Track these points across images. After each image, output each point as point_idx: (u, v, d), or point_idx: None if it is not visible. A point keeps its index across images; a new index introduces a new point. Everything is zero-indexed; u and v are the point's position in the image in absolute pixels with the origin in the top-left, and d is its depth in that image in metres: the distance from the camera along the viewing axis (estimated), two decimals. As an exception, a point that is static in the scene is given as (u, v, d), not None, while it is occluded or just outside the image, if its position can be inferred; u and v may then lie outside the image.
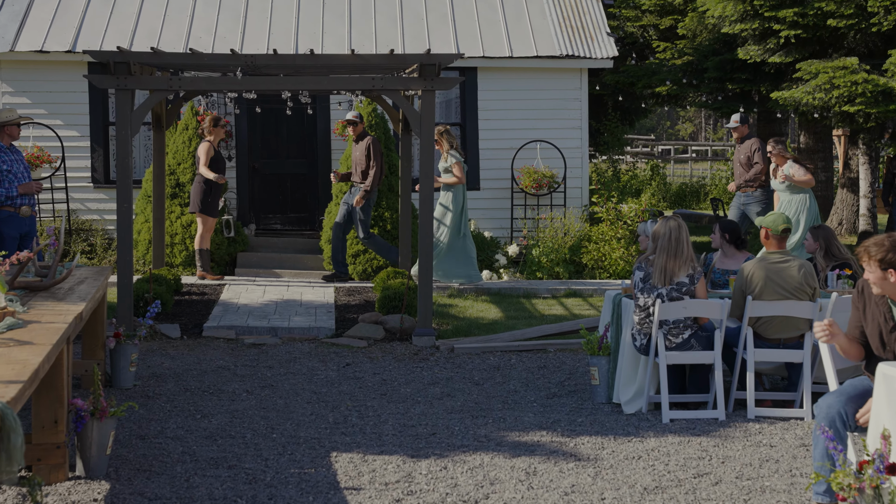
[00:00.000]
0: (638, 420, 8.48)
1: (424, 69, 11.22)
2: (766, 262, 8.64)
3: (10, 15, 16.70)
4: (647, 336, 8.63)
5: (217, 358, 10.63)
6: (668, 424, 8.35)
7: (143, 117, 11.22)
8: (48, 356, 5.57)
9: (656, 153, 40.24)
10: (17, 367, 5.11)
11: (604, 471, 7.16)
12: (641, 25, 22.65)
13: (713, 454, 7.55)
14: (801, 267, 8.62)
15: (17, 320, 6.34)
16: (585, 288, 14.62)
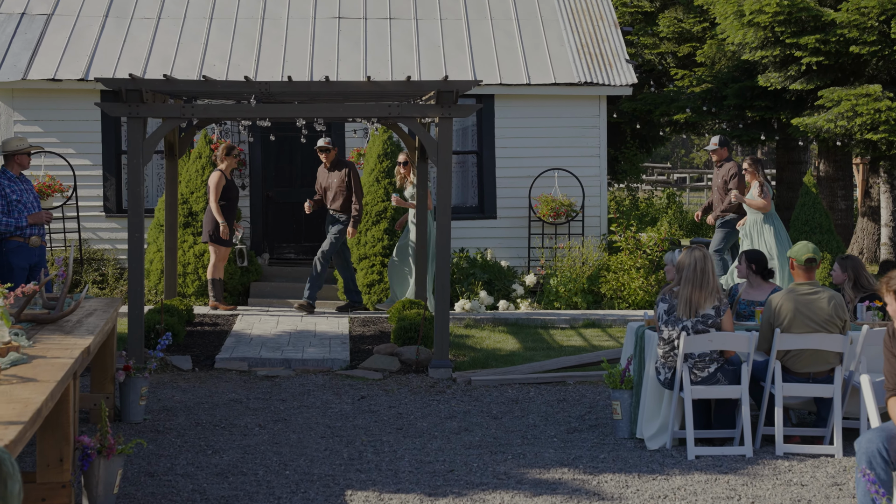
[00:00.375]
0: (662, 456, 8.22)
1: (441, 96, 11.04)
2: (795, 293, 8.40)
3: (22, 43, 16.60)
4: (671, 370, 8.39)
5: (229, 391, 10.41)
6: (693, 461, 8.10)
7: (156, 145, 11.05)
8: (52, 394, 5.35)
9: (672, 181, 39.99)
10: (18, 406, 4.90)
11: (629, 511, 6.90)
12: (659, 53, 22.49)
13: (742, 493, 7.28)
14: (832, 299, 8.37)
15: (21, 355, 6.13)
16: (604, 318, 14.38)
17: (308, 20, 17.58)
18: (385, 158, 15.16)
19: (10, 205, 10.53)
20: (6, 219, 10.49)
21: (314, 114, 11.37)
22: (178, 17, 17.46)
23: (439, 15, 17.76)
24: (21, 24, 16.95)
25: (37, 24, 17.00)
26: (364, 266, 14.75)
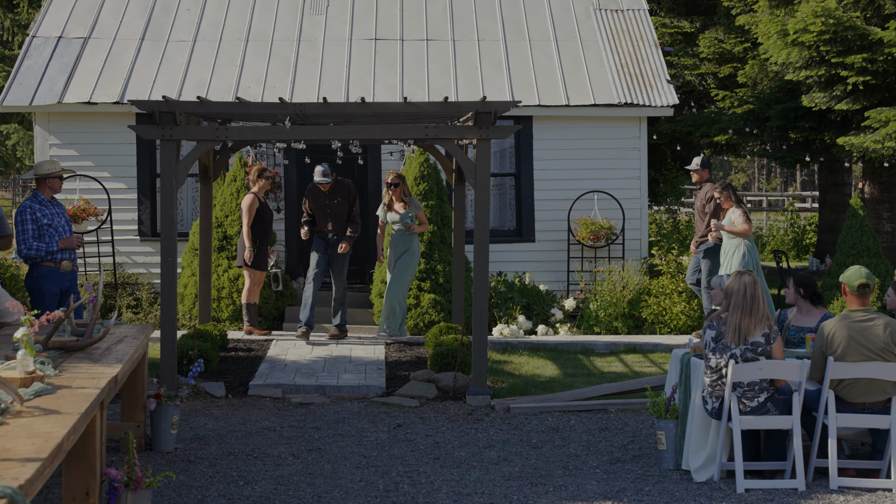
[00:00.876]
0: (710, 489, 7.91)
1: (480, 117, 10.81)
2: (849, 320, 8.06)
3: (59, 66, 16.54)
4: (719, 399, 8.07)
5: (262, 418, 10.18)
6: (743, 495, 7.77)
7: (189, 168, 10.88)
8: (75, 427, 5.13)
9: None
10: (38, 441, 4.67)
11: (677, 549, 6.59)
12: (700, 74, 22.17)
13: (796, 530, 6.96)
14: (888, 325, 8.02)
15: (45, 385, 5.91)
16: (645, 344, 14.07)
17: (344, 42, 17.43)
18: (422, 181, 14.93)
19: (40, 229, 10.37)
20: (36, 243, 10.32)
21: (350, 135, 11.16)
22: (213, 39, 17.36)
23: (477, 36, 17.56)
24: (58, 48, 16.90)
25: (73, 47, 16.95)
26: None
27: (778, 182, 58.67)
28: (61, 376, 6.37)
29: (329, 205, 13.69)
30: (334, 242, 13.70)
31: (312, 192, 13.78)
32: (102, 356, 7.28)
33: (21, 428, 4.94)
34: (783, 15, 17.16)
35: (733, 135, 19.17)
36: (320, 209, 13.73)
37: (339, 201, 13.68)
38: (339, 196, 13.69)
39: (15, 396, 5.32)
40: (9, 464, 4.27)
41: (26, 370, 5.96)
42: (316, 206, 13.75)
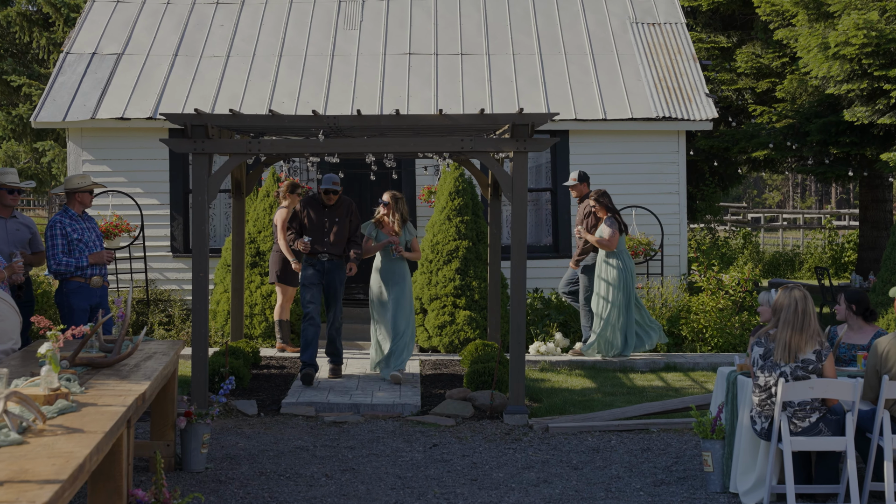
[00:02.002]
0: (760, 514, 7.58)
1: (516, 129, 10.54)
2: (905, 336, 7.73)
3: (92, 82, 16.44)
4: (768, 419, 7.74)
5: (295, 437, 9.91)
6: (795, 519, 7.43)
7: (221, 182, 10.67)
8: (98, 447, 4.88)
9: (747, 221, 39.17)
10: (59, 461, 4.43)
11: (729, 577, 6.27)
12: (737, 89, 21.84)
13: (853, 558, 6.62)
14: (946, 343, 7.69)
15: (70, 403, 5.67)
16: (685, 362, 13.73)
17: (378, 56, 17.24)
18: (457, 196, 14.67)
19: (70, 244, 10.19)
20: (66, 259, 10.14)
21: (384, 149, 10.92)
22: (247, 54, 17.21)
23: (512, 50, 17.33)
24: (91, 64, 16.81)
25: (107, 63, 16.85)
26: (435, 307, 14.24)
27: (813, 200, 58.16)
28: (87, 393, 6.14)
29: (328, 222, 12.16)
30: (330, 268, 12.10)
31: (311, 205, 12.23)
32: (131, 373, 7.05)
33: (42, 447, 4.70)
34: (823, 28, 16.83)
35: (773, 150, 18.82)
36: (317, 227, 12.10)
37: (339, 219, 12.16)
38: (339, 213, 12.19)
39: (37, 414, 5.09)
40: (26, 486, 4.03)
41: (50, 387, 5.72)
42: (312, 223, 12.11)
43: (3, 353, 8.00)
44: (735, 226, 36.13)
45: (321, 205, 12.18)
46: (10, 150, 28.77)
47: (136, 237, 15.52)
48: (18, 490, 3.97)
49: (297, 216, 12.24)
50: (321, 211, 12.18)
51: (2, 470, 4.28)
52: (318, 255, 12.05)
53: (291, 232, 12.23)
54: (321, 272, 12.07)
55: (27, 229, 10.68)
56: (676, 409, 10.68)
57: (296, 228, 12.21)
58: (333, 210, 12.18)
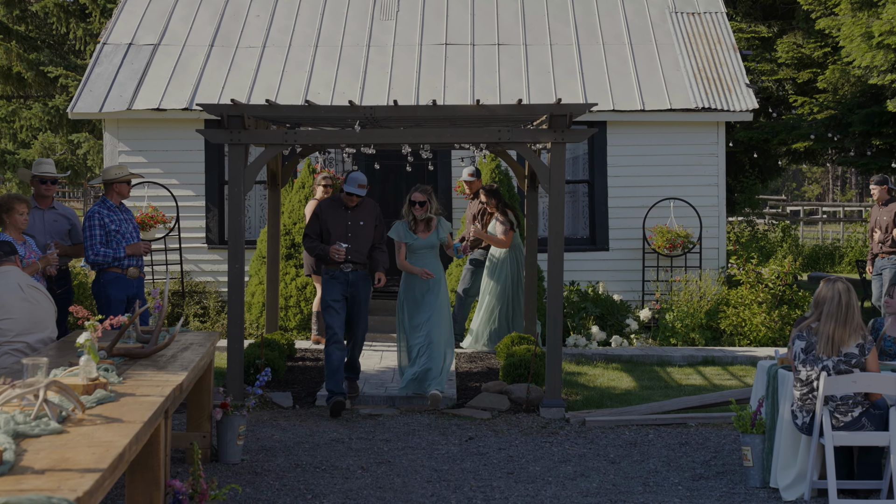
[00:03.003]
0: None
1: (554, 120, 10.52)
2: (950, 330, 7.67)
3: (128, 73, 16.53)
4: (810, 413, 7.70)
5: (331, 430, 9.95)
6: (836, 515, 7.39)
7: (257, 173, 10.71)
8: (137, 436, 4.93)
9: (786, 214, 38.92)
10: (98, 451, 4.47)
11: (769, 572, 6.24)
12: (777, 80, 21.70)
13: (896, 554, 6.58)
14: None
15: (108, 393, 5.73)
16: (724, 356, 13.66)
17: (414, 47, 17.24)
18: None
19: (108, 235, 10.27)
20: (104, 249, 10.23)
21: (421, 139, 10.93)
22: (283, 45, 17.26)
23: (549, 40, 17.29)
24: (128, 55, 16.91)
25: (143, 54, 16.94)
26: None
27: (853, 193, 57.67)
28: (125, 384, 6.19)
29: (352, 226, 10.84)
30: (354, 280, 10.79)
31: (331, 208, 10.90)
32: (167, 364, 7.11)
33: (81, 437, 4.75)
34: (867, 17, 16.67)
35: (814, 141, 18.69)
36: (338, 231, 10.80)
37: (364, 223, 10.86)
38: (363, 216, 10.87)
39: (77, 404, 5.14)
40: (67, 474, 4.07)
41: (89, 377, 5.78)
42: (334, 228, 10.81)
43: (41, 343, 8.09)
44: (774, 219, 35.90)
45: (343, 206, 10.86)
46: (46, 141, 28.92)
47: (171, 228, 15.61)
48: (60, 478, 4.01)
49: (316, 220, 10.92)
50: (343, 214, 10.82)
51: (43, 458, 4.33)
52: (341, 266, 10.73)
53: (311, 239, 10.88)
54: (344, 285, 10.78)
55: (66, 220, 10.78)
56: (715, 403, 10.63)
57: (315, 234, 10.89)
58: (357, 213, 10.86)
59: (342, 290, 10.76)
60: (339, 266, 10.70)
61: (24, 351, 7.87)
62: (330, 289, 10.78)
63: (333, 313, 10.73)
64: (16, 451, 4.38)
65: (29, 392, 5.02)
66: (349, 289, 10.79)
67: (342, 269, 10.72)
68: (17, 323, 8.03)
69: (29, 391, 5.02)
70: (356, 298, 10.85)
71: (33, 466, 4.19)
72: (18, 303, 8.08)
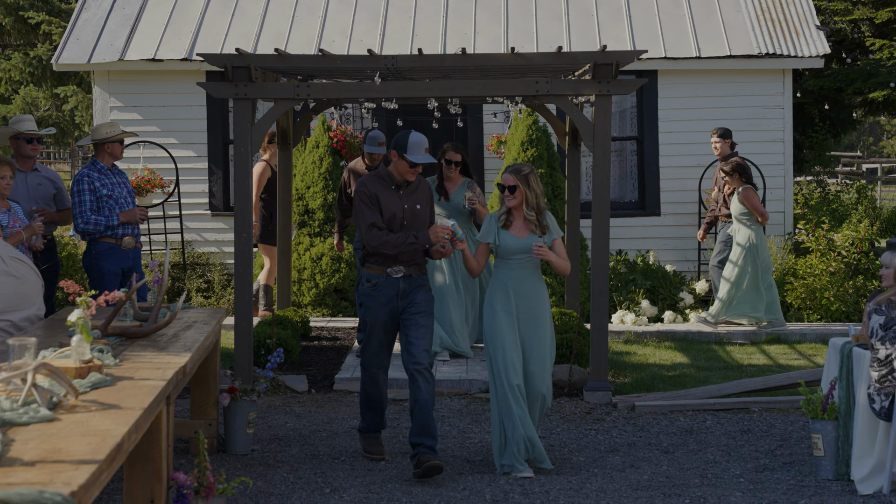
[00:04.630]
0: (878, 503, 7.56)
1: (598, 69, 10.51)
2: None
3: (120, 19, 16.58)
4: (889, 397, 7.72)
5: (350, 416, 10.05)
6: (917, 510, 7.43)
7: (266, 131, 10.75)
8: (136, 425, 4.99)
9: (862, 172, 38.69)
10: (94, 440, 4.53)
11: (842, 574, 6.27)
12: (852, 20, 21.54)
13: None
14: None
15: (104, 377, 5.79)
16: (792, 333, 13.68)
17: (440, -12, 17.24)
18: (530, 146, 14.70)
19: (99, 201, 10.34)
20: (95, 217, 10.30)
21: (449, 93, 10.93)
22: (292, -13, 17.28)
23: (592, -22, 17.26)
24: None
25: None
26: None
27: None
28: (122, 366, 6.27)
29: (408, 212, 8.48)
30: (408, 289, 8.40)
31: (381, 187, 8.45)
32: (169, 344, 7.18)
33: (75, 425, 4.81)
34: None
35: (893, 90, 18.57)
36: (391, 220, 8.44)
37: (421, 207, 8.54)
38: (421, 199, 8.58)
39: (69, 389, 5.20)
40: (60, 466, 4.13)
41: (82, 359, 5.85)
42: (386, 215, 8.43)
43: (28, 322, 8.16)
44: (848, 178, 35.70)
45: (393, 185, 8.46)
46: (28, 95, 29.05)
47: (170, 193, 15.69)
48: (52, 471, 4.06)
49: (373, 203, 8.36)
50: (393, 196, 8.46)
51: (33, 449, 4.38)
52: (388, 271, 8.37)
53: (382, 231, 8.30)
54: (395, 296, 8.40)
55: (51, 184, 10.85)
56: (781, 385, 10.66)
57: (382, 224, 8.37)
58: (411, 194, 8.53)
59: (391, 305, 8.38)
60: (386, 270, 8.34)
61: (8, 331, 7.95)
62: (373, 304, 8.42)
63: (377, 346, 8.50)
64: (2, 440, 4.45)
65: (16, 376, 5.08)
66: (400, 299, 8.37)
67: (391, 273, 8.32)
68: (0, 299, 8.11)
69: (16, 375, 5.08)
70: (411, 309, 8.41)
71: (22, 458, 4.25)
72: (1, 277, 8.15)
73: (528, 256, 8.36)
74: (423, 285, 8.48)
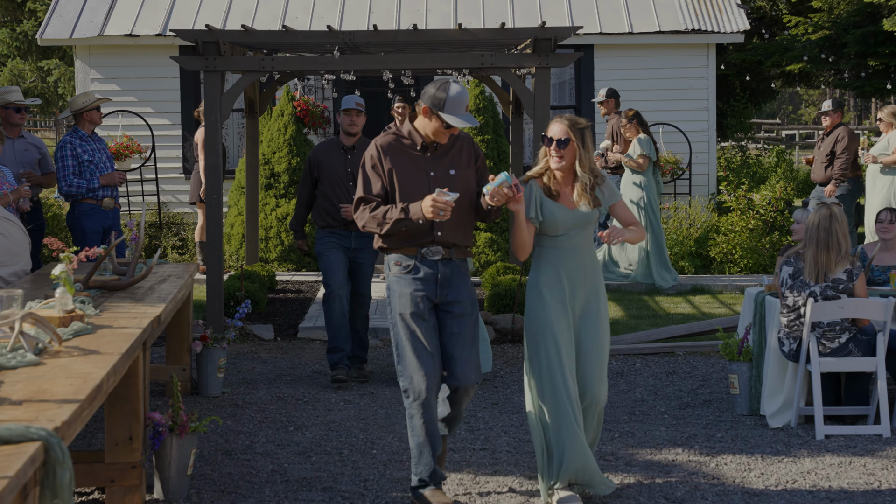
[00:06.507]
0: (787, 436, 7.70)
1: (538, 44, 10.55)
2: (938, 255, 7.79)
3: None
4: (797, 340, 7.85)
5: (313, 362, 10.09)
6: (823, 441, 7.56)
7: (234, 101, 10.73)
8: (115, 368, 5.02)
9: (781, 138, 38.89)
10: (76, 382, 4.56)
11: (753, 498, 6.40)
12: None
13: (882, 479, 6.73)
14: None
15: (85, 325, 5.81)
16: (714, 284, 13.82)
17: (395, -32, 17.18)
18: (477, 114, 14.71)
19: (81, 165, 10.30)
20: (77, 180, 10.27)
21: (402, 65, 10.95)
22: (258, -33, 17.17)
23: (534, -40, 17.23)
24: (97, -22, 16.79)
25: (113, -23, 16.82)
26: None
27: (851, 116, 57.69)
28: (102, 315, 6.27)
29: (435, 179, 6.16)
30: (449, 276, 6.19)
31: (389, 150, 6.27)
32: (145, 295, 7.18)
33: (59, 368, 4.83)
34: (863, -67, 16.64)
35: (808, 63, 18.70)
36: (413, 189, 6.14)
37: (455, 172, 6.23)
38: (456, 162, 6.26)
39: (53, 336, 5.22)
40: (45, 405, 4.16)
41: (65, 309, 5.85)
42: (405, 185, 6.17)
43: (15, 276, 8.14)
44: (768, 143, 35.92)
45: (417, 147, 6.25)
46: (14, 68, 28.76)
47: (147, 158, 15.63)
48: (37, 409, 4.10)
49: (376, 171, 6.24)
50: (416, 161, 6.24)
51: (20, 390, 4.41)
52: (424, 253, 6.15)
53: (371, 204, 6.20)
54: (433, 285, 6.15)
55: (36, 149, 10.79)
56: (703, 331, 10.78)
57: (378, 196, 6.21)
58: (442, 157, 6.25)
59: (430, 296, 6.14)
60: (422, 252, 6.14)
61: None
62: (407, 296, 6.12)
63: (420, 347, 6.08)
64: (-7, 383, 4.47)
65: (4, 324, 5.10)
66: (439, 290, 6.15)
67: (427, 256, 6.13)
68: (-11, 256, 8.08)
69: (4, 323, 5.10)
70: (452, 307, 6.19)
71: (10, 398, 4.27)
72: (-10, 235, 8.13)
73: (583, 232, 6.17)
74: (464, 274, 6.25)
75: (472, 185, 6.21)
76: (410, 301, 6.04)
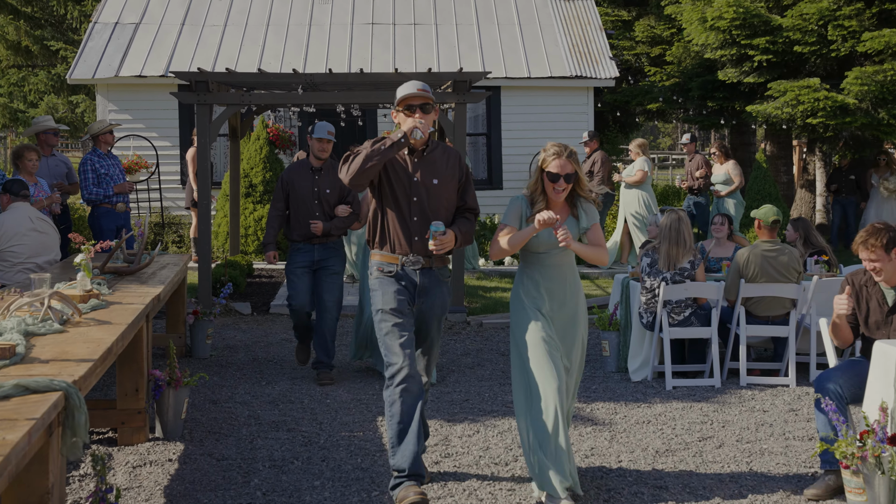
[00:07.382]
0: (645, 387, 7.80)
1: (457, 85, 10.55)
2: (760, 249, 7.93)
3: (115, 46, 16.17)
4: (652, 314, 7.94)
5: (281, 332, 10.01)
6: (671, 391, 7.67)
7: (220, 128, 10.60)
8: (123, 335, 4.95)
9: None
10: (92, 345, 4.50)
11: (618, 434, 6.47)
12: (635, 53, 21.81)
13: (713, 418, 6.85)
14: (790, 255, 7.90)
15: (101, 302, 5.73)
16: (592, 272, 13.91)
17: (347, 26, 17.07)
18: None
19: (99, 178, 10.16)
20: (96, 189, 10.12)
21: (350, 100, 10.89)
22: (240, 24, 16.98)
23: (455, 21, 17.23)
24: (115, 32, 16.52)
25: (127, 31, 16.55)
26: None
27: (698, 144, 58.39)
28: (114, 294, 6.19)
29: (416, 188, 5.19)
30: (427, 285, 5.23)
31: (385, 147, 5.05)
32: (149, 279, 7.10)
33: (78, 335, 4.77)
34: (703, 5, 16.79)
35: (663, 103, 18.91)
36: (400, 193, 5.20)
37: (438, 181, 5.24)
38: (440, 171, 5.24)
39: (75, 310, 5.15)
40: (67, 363, 4.11)
41: (85, 289, 5.78)
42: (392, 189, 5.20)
43: (48, 264, 8.02)
44: (633, 164, 36.29)
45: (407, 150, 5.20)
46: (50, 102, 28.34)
47: (152, 172, 15.39)
48: (61, 366, 4.05)
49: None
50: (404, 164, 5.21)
51: (47, 351, 4.35)
52: (403, 261, 5.19)
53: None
54: (412, 292, 5.20)
55: (64, 165, 10.63)
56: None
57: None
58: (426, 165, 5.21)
59: (408, 299, 5.17)
60: (403, 261, 5.17)
61: (33, 270, 7.80)
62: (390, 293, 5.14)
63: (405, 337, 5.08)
64: (26, 346, 4.40)
65: (36, 300, 5.02)
66: (417, 298, 5.21)
67: (406, 266, 5.17)
68: (28, 248, 7.96)
69: (36, 299, 5.02)
70: (426, 314, 5.27)
71: (40, 357, 4.22)
72: (29, 231, 8.01)
73: (565, 250, 5.10)
74: (440, 282, 5.28)
75: (451, 194, 5.23)
76: (393, 298, 5.06)
